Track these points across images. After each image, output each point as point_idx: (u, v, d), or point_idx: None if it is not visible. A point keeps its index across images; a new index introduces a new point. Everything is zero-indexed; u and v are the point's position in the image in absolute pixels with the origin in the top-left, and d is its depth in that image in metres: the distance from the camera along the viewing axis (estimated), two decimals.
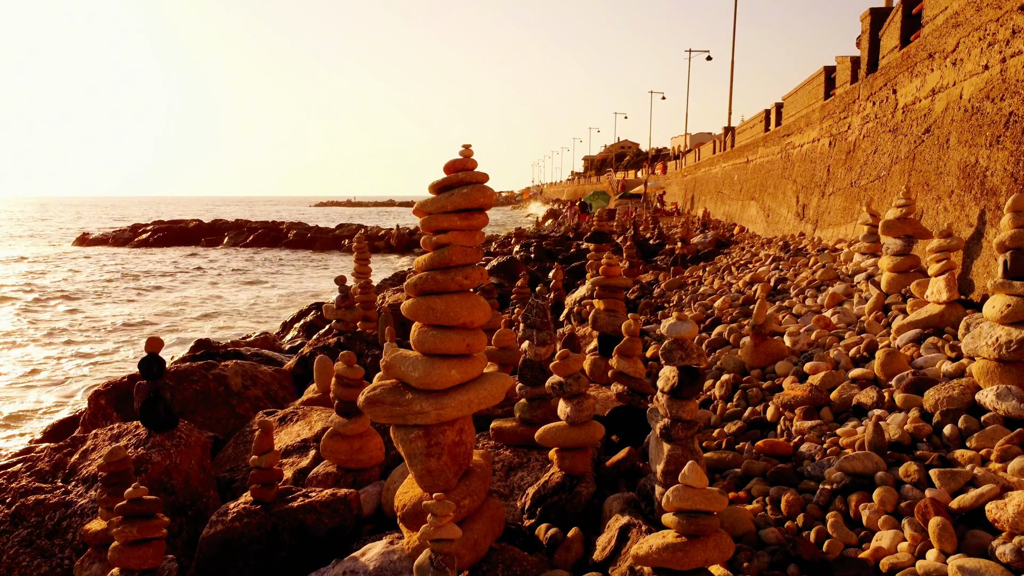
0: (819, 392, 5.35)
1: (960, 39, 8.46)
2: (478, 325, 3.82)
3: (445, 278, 3.72)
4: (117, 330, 20.56)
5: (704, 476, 3.01)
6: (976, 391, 4.60)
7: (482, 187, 3.71)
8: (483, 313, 3.81)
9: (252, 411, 6.91)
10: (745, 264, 12.75)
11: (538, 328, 5.82)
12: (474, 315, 3.76)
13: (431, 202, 3.75)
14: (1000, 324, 4.52)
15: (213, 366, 7.17)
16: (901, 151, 10.47)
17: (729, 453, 4.89)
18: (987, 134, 7.25)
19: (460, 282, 3.73)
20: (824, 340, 6.88)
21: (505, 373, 3.96)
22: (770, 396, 5.99)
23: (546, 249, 21.13)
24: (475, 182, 3.73)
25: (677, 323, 3.78)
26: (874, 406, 5.08)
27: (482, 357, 3.92)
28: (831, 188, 14.86)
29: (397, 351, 3.91)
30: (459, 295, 3.76)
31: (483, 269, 3.85)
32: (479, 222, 3.77)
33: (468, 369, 3.79)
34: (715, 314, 9.18)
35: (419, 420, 3.71)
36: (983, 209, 6.98)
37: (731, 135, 34.02)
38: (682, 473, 3.00)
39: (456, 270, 3.73)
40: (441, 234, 3.74)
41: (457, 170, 3.76)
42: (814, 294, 8.74)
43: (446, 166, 3.79)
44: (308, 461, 5.46)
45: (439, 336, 3.73)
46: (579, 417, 4.49)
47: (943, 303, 6.16)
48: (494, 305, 11.05)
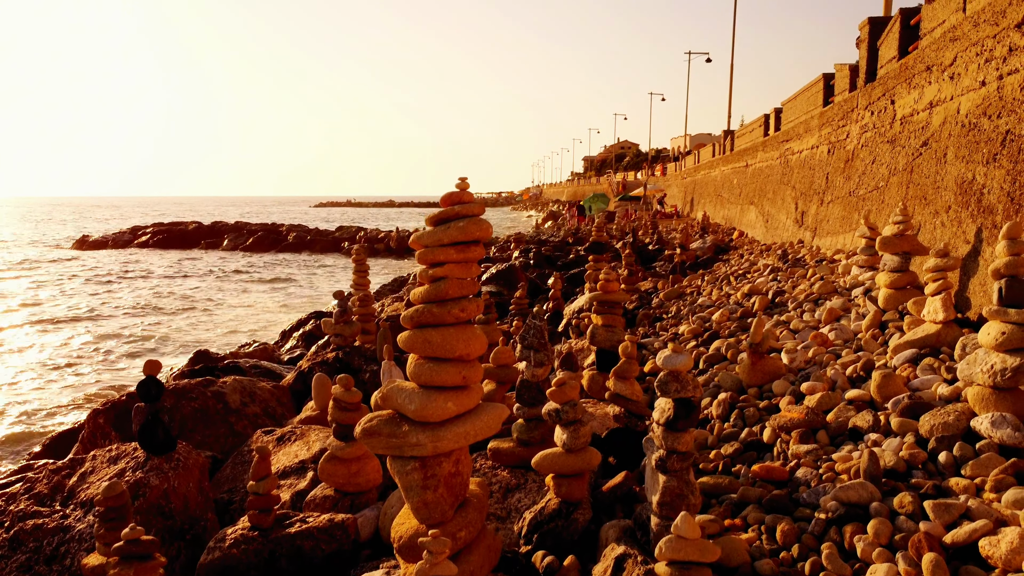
0: (815, 415, 5.36)
1: (958, 53, 8.48)
2: (475, 357, 3.84)
3: (442, 311, 3.73)
4: (115, 336, 20.57)
5: (696, 527, 3.03)
6: (971, 417, 4.61)
7: (478, 220, 3.73)
8: (480, 345, 3.82)
9: (251, 428, 6.93)
10: (743, 274, 12.76)
11: (535, 349, 5.83)
12: (471, 347, 3.77)
13: (427, 235, 3.76)
14: (995, 351, 4.53)
15: (212, 383, 7.18)
16: (899, 163, 10.49)
17: (725, 478, 4.90)
18: (984, 151, 7.27)
19: (456, 315, 3.74)
20: (821, 358, 6.90)
21: (501, 404, 3.97)
22: (767, 416, 6.00)
23: (545, 255, 21.14)
24: (471, 215, 3.75)
25: (672, 355, 3.80)
26: (870, 430, 5.09)
27: (479, 388, 3.93)
28: (830, 196, 14.87)
29: (394, 382, 3.92)
30: (456, 328, 3.78)
31: (479, 301, 3.87)
32: (475, 254, 3.79)
33: (465, 401, 3.81)
34: (713, 327, 9.19)
35: (416, 452, 3.73)
36: (980, 227, 7.00)
37: (731, 139, 34.04)
38: (675, 524, 3.02)
39: (452, 303, 3.75)
40: (437, 267, 3.75)
41: (453, 203, 3.77)
42: (812, 308, 8.76)
43: (443, 199, 3.81)
44: (306, 483, 5.48)
45: (436, 369, 3.74)
46: (575, 444, 4.51)
47: (939, 323, 6.18)
48: (492, 316, 11.08)
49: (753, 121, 28.18)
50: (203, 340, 19.04)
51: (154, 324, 22.23)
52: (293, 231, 53.38)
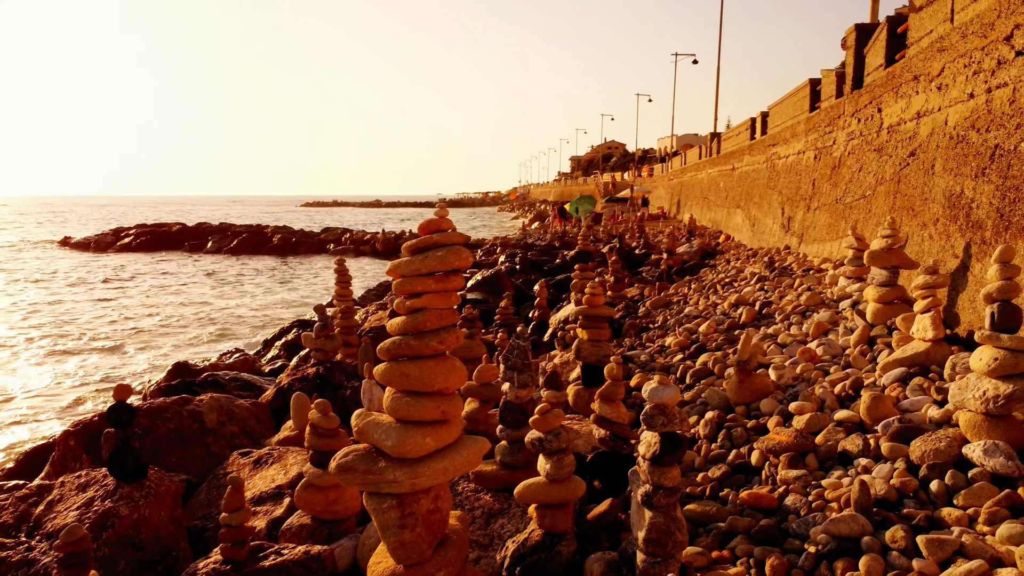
0: (804, 438, 5.26)
1: (945, 64, 8.42)
2: (454, 390, 3.70)
3: (419, 343, 3.59)
4: (98, 344, 20.28)
5: None
6: (963, 444, 4.52)
7: (458, 249, 3.59)
8: (459, 378, 3.69)
9: (228, 449, 6.75)
10: (730, 282, 12.68)
11: (519, 370, 5.69)
12: (450, 380, 3.64)
13: (405, 264, 3.62)
14: (988, 377, 4.44)
15: (188, 401, 7.00)
16: (886, 172, 10.43)
17: (713, 505, 4.79)
18: (972, 165, 7.20)
19: (435, 347, 3.60)
20: (809, 374, 6.80)
21: (482, 438, 3.84)
22: (755, 437, 5.90)
23: (531, 260, 21.01)
24: (450, 244, 3.61)
25: (659, 387, 3.68)
26: (860, 455, 4.99)
27: (459, 422, 3.80)
28: (816, 203, 14.83)
29: (370, 415, 3.78)
30: (434, 360, 3.64)
31: (459, 332, 3.73)
32: (455, 284, 3.65)
33: (444, 435, 3.67)
34: (700, 340, 9.10)
35: (393, 489, 3.59)
36: (969, 242, 6.92)
37: (717, 141, 34.05)
38: None
39: (431, 335, 3.61)
40: (415, 298, 3.61)
41: (432, 231, 3.63)
42: (799, 320, 8.67)
43: (421, 227, 3.67)
44: (282, 510, 5.32)
45: (413, 403, 3.60)
46: (559, 474, 4.38)
47: (929, 341, 6.10)
48: (477, 328, 10.93)
49: (740, 124, 28.18)
50: (182, 348, 18.78)
51: (130, 333, 21.93)
52: (278, 233, 52.99)
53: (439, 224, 3.63)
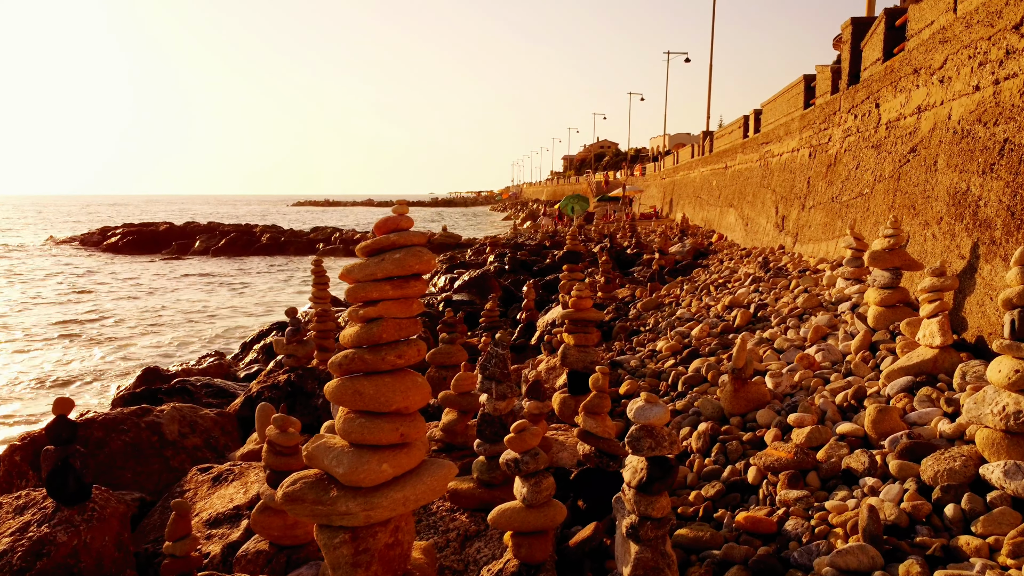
0: (804, 454, 4.86)
1: (948, 56, 8.04)
2: (415, 409, 3.29)
3: (375, 357, 3.18)
4: (74, 342, 19.78)
5: None
6: (980, 463, 4.13)
7: (417, 251, 3.17)
8: (420, 396, 3.27)
9: (189, 463, 6.31)
10: (724, 283, 12.29)
11: (497, 380, 5.28)
12: (409, 399, 3.22)
13: (358, 268, 3.20)
14: (1007, 391, 4.04)
15: (148, 412, 6.56)
16: (885, 169, 10.05)
17: (707, 530, 4.38)
18: (979, 160, 6.82)
19: (393, 361, 3.19)
20: (808, 382, 6.41)
21: (448, 462, 3.43)
22: (751, 451, 5.50)
23: (521, 260, 20.58)
24: (409, 245, 3.19)
25: (646, 406, 3.27)
26: (866, 473, 4.59)
27: (421, 445, 3.38)
28: (811, 201, 14.45)
29: (321, 439, 3.36)
30: (392, 376, 3.23)
31: (420, 344, 3.31)
32: (415, 290, 3.24)
33: (403, 461, 3.25)
34: (693, 344, 8.70)
35: (345, 522, 3.18)
36: (976, 242, 6.54)
37: (710, 140, 33.70)
38: None
39: (388, 347, 3.20)
40: (370, 306, 3.19)
41: (389, 231, 3.22)
42: (796, 324, 8.28)
43: (377, 225, 3.25)
44: (239, 534, 4.89)
45: (368, 425, 3.19)
46: (537, 499, 3.96)
47: (936, 347, 5.71)
48: (458, 333, 10.51)
49: (732, 122, 27.84)
50: (158, 352, 18.30)
51: (105, 332, 21.43)
52: (267, 232, 52.41)
53: (397, 223, 3.22)
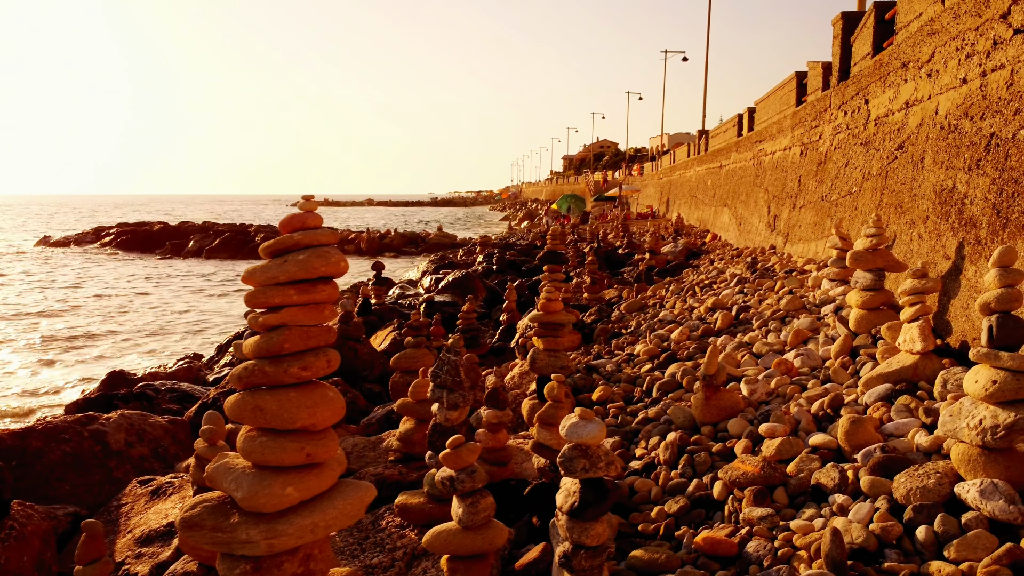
0: (772, 470, 4.55)
1: (936, 48, 7.73)
2: (325, 427, 2.98)
3: (276, 369, 2.87)
4: (57, 343, 19.49)
5: None
6: (956, 481, 3.82)
7: (324, 252, 2.87)
8: (331, 412, 2.97)
9: (134, 473, 6.01)
10: (710, 284, 11.98)
11: (449, 388, 4.98)
12: (317, 415, 2.92)
13: (260, 271, 2.90)
14: (984, 402, 3.73)
15: (93, 420, 6.25)
16: (873, 167, 9.75)
17: (663, 552, 4.06)
18: (965, 156, 6.51)
19: (297, 374, 2.88)
20: (785, 390, 6.11)
21: (366, 484, 3.12)
22: (720, 463, 5.20)
23: (509, 260, 20.26)
24: (315, 245, 2.89)
25: (579, 423, 2.97)
26: (836, 490, 4.29)
27: (334, 465, 3.07)
28: (802, 200, 14.15)
29: (224, 458, 3.06)
30: (296, 390, 2.92)
31: (335, 354, 3.00)
32: (324, 295, 2.93)
33: (311, 483, 2.95)
34: (672, 347, 8.39)
35: (246, 551, 2.88)
36: (962, 241, 6.23)
37: (705, 139, 33.39)
38: None
39: (292, 359, 2.89)
40: (272, 313, 2.89)
41: (295, 229, 2.91)
42: (778, 327, 7.97)
43: (282, 223, 2.94)
44: (169, 553, 4.59)
45: (270, 444, 2.88)
46: (474, 520, 3.65)
47: (917, 353, 5.40)
48: (438, 332, 10.19)
49: (727, 121, 27.53)
50: (136, 356, 17.99)
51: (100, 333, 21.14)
52: (262, 232, 52.08)
53: (304, 220, 2.91)
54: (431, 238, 46.62)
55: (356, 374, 9.15)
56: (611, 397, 7.27)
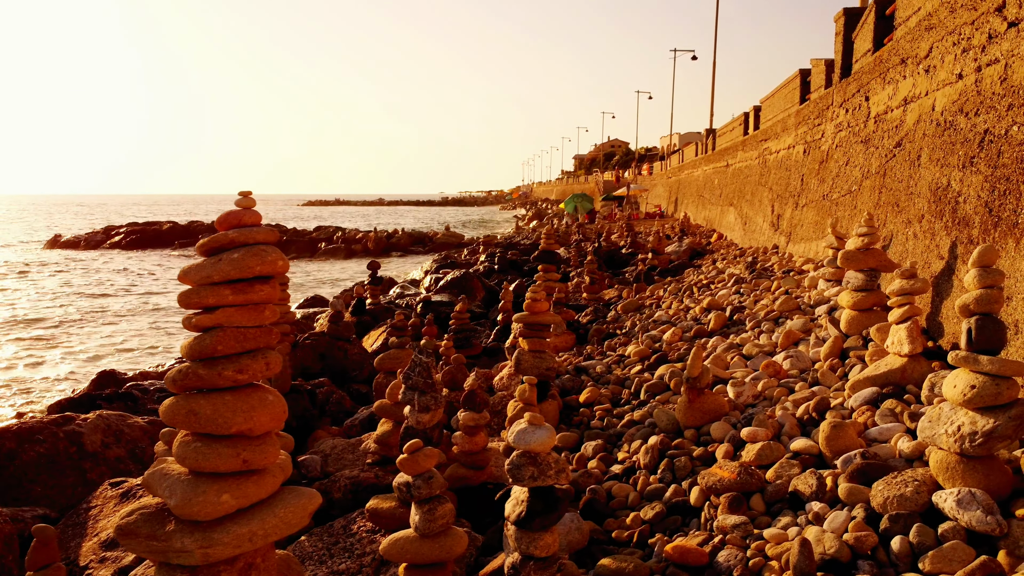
0: (749, 476, 4.41)
1: (933, 44, 7.55)
2: (262, 431, 2.87)
3: (210, 372, 2.77)
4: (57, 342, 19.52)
5: None
6: (934, 489, 3.67)
7: (260, 250, 2.76)
8: (269, 416, 2.86)
9: (109, 475, 5.93)
10: (708, 284, 11.82)
11: (421, 390, 4.87)
12: (254, 420, 2.81)
13: (194, 270, 2.79)
14: (963, 408, 3.58)
15: (69, 420, 6.18)
16: (872, 165, 9.57)
17: (632, 561, 3.93)
18: (960, 153, 6.34)
19: (232, 377, 2.78)
20: (772, 392, 5.96)
21: (310, 491, 3.01)
22: (701, 467, 5.06)
23: (511, 260, 20.13)
24: (251, 243, 2.78)
25: (528, 429, 2.85)
26: (813, 497, 4.15)
27: (274, 471, 2.96)
28: (804, 199, 13.95)
29: (162, 463, 2.95)
30: (232, 394, 2.81)
31: (274, 356, 2.89)
32: (261, 295, 2.82)
33: (250, 491, 2.84)
34: (664, 348, 8.25)
35: (182, 560, 2.77)
36: (955, 241, 6.06)
37: (712, 138, 33.16)
38: None
39: (227, 361, 2.78)
40: (206, 313, 2.78)
41: (231, 226, 2.80)
42: (771, 328, 7.81)
43: (218, 220, 2.84)
44: (132, 557, 4.49)
45: (204, 450, 2.78)
46: (431, 528, 3.53)
47: (905, 356, 5.24)
48: (431, 332, 10.08)
49: (733, 120, 27.31)
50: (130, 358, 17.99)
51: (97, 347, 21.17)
52: None
53: (240, 218, 2.80)
54: (438, 238, 46.54)
55: (345, 374, 9.06)
56: (598, 399, 7.14)
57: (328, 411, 7.72)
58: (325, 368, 8.98)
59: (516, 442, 2.86)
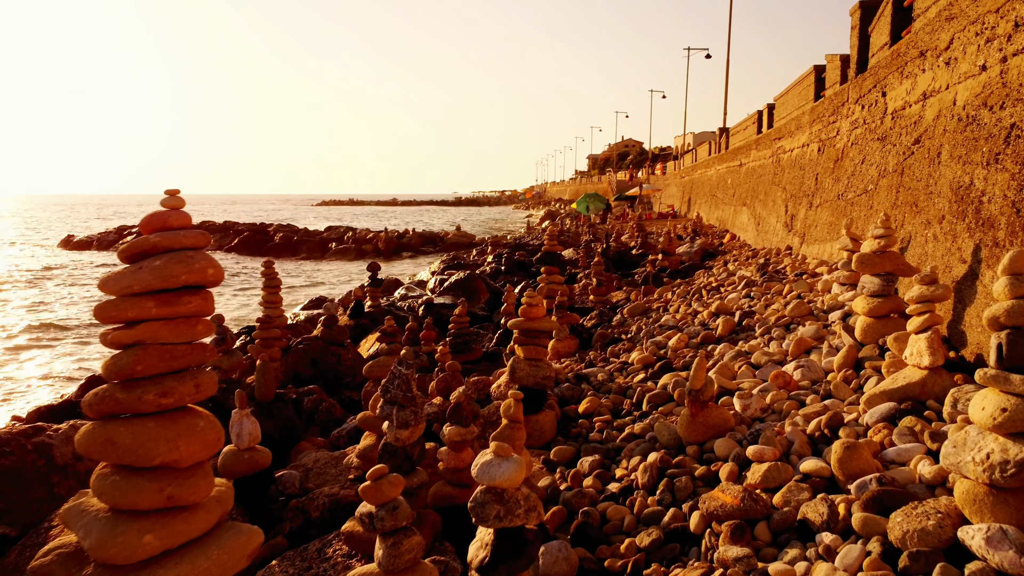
0: (754, 501, 4.04)
1: (955, 34, 7.13)
2: (193, 463, 2.53)
3: (129, 396, 2.43)
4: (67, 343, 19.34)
5: None
6: (960, 523, 3.29)
7: (186, 257, 2.42)
8: (199, 445, 2.52)
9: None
10: (717, 287, 11.41)
11: (400, 405, 4.52)
12: (180, 451, 2.47)
13: (113, 279, 2.46)
14: (993, 433, 3.19)
15: (40, 431, 5.89)
16: (889, 163, 9.14)
17: None
18: (984, 150, 5.92)
19: (154, 401, 2.44)
20: (781, 406, 5.57)
21: (250, 528, 2.67)
22: (703, 488, 4.69)
23: (518, 261, 19.76)
24: (176, 248, 2.44)
25: (493, 462, 2.50)
26: (824, 527, 3.76)
27: (212, 506, 2.62)
28: (818, 199, 13.51)
29: (82, 497, 2.62)
30: (156, 420, 2.48)
31: (207, 377, 2.55)
32: (190, 307, 2.48)
33: (177, 530, 2.50)
34: (669, 355, 7.86)
35: None
36: (978, 243, 5.65)
37: (726, 136, 32.66)
38: None
39: (149, 383, 2.45)
40: (125, 329, 2.44)
41: (155, 230, 2.46)
42: (782, 335, 7.41)
43: (142, 223, 2.50)
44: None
45: (124, 484, 2.45)
46: (395, 564, 3.17)
47: (925, 368, 4.85)
48: (429, 336, 9.73)
49: (747, 118, 26.82)
50: None
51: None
52: (281, 232, 52.07)
53: (165, 220, 2.47)
54: (449, 238, 46.24)
55: (338, 381, 8.74)
56: (598, 409, 6.77)
57: (317, 420, 7.39)
58: (317, 374, 8.66)
59: (480, 476, 2.51)
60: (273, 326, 8.21)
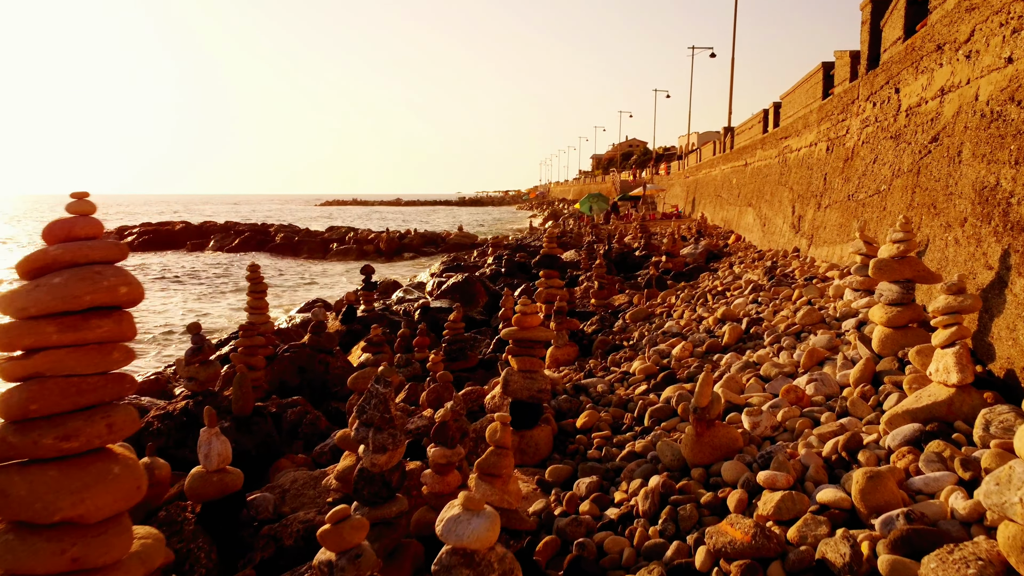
0: (767, 539, 3.63)
1: (976, 25, 6.71)
2: (102, 517, 2.13)
3: (22, 440, 2.03)
4: None
5: None
6: (1004, 573, 2.87)
7: (92, 273, 2.02)
8: (113, 496, 2.12)
9: None
10: (723, 292, 10.99)
11: (377, 427, 4.12)
12: (88, 503, 2.07)
13: (6, 299, 2.06)
14: None
15: None
16: (904, 162, 8.72)
17: None
18: (1011, 147, 5.50)
19: (54, 446, 2.04)
20: (794, 424, 5.16)
21: None
22: (710, 517, 4.29)
23: (519, 262, 19.35)
24: (82, 263, 2.04)
25: (462, 517, 2.11)
26: (845, 570, 3.35)
27: (131, 565, 2.22)
28: (827, 200, 13.09)
29: None
30: (58, 468, 2.08)
31: (123, 414, 2.15)
32: (101, 332, 2.08)
33: None
34: (672, 365, 7.45)
35: None
36: (1007, 249, 5.23)
37: (730, 136, 32.22)
38: None
39: (48, 424, 2.05)
40: (21, 359, 2.05)
41: (57, 240, 2.06)
42: (792, 344, 7.00)
43: (44, 231, 2.10)
44: None
45: (18, 545, 2.05)
46: None
47: (952, 386, 4.43)
48: (423, 343, 9.34)
49: (752, 117, 26.38)
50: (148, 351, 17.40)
51: None
52: (282, 232, 51.73)
53: (70, 228, 2.06)
54: (451, 238, 45.85)
55: (326, 390, 8.34)
56: (597, 424, 6.36)
57: (300, 434, 6.99)
58: (304, 383, 8.27)
59: (445, 535, 2.11)
60: (257, 333, 7.82)
